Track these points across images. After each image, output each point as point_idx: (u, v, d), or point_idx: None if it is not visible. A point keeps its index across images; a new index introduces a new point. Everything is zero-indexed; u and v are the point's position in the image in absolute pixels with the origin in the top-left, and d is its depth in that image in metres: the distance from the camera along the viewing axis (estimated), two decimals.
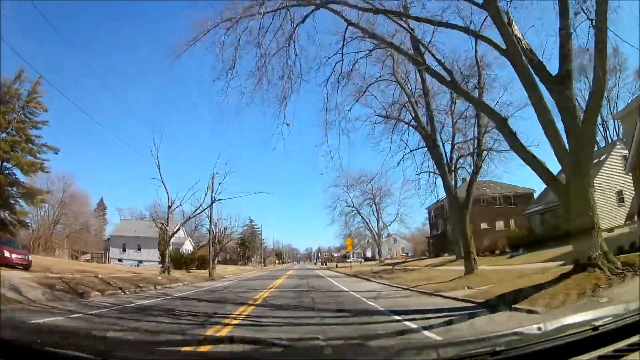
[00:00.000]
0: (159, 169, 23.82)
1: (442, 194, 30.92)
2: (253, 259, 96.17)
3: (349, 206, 52.29)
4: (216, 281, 24.05)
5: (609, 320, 1.48)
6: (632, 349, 1.41)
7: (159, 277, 21.24)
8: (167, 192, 23.87)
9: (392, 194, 51.29)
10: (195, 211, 25.22)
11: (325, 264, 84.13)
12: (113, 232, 54.75)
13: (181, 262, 36.32)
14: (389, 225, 51.64)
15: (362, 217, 51.65)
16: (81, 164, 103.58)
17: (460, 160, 27.91)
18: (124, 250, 49.45)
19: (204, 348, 1.70)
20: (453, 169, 27.84)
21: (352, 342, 2.34)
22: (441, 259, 30.37)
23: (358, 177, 50.85)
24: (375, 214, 51.52)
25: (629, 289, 6.06)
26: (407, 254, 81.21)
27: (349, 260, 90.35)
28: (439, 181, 29.58)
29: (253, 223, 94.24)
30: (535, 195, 41.11)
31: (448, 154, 28.93)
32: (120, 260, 48.16)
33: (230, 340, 1.59)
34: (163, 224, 23.77)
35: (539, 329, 1.46)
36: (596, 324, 1.45)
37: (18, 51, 29.65)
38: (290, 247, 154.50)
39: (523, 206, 39.56)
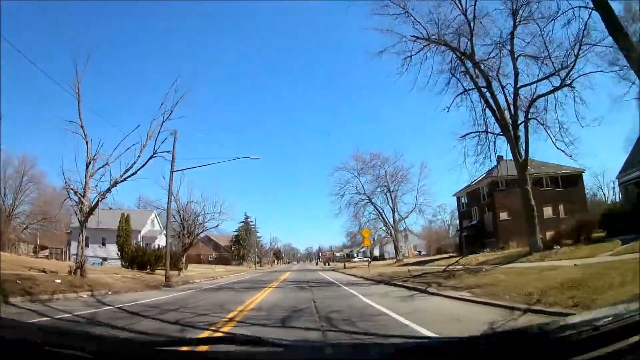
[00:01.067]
0: (78, 104, 14.62)
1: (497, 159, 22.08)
2: (249, 258, 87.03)
3: (359, 193, 42.59)
4: (169, 290, 15.04)
5: (609, 320, 1.44)
6: (632, 349, 1.37)
7: (58, 281, 12.22)
8: (87, 142, 14.67)
9: (409, 180, 42.02)
10: (127, 170, 15.63)
11: (328, 264, 74.32)
12: (75, 224, 45.28)
13: (143, 260, 27.38)
14: (407, 216, 42.03)
15: (375, 207, 42.08)
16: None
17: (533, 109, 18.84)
18: (87, 245, 40.03)
19: (203, 348, 1.66)
20: (525, 119, 18.71)
21: (352, 342, 2.22)
22: (495, 255, 21.21)
23: (370, 160, 41.52)
24: (390, 203, 41.97)
25: None
26: (419, 252, 71.92)
27: (354, 259, 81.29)
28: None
29: (249, 219, 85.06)
30: (585, 176, 32.92)
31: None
32: None
33: (232, 340, 1.53)
34: (77, 192, 14.46)
35: (540, 328, 1.44)
36: (597, 324, 1.41)
37: None
38: (289, 247, 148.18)
39: (571, 189, 31.20)
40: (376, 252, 76.79)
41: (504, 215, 31.17)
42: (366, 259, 76.00)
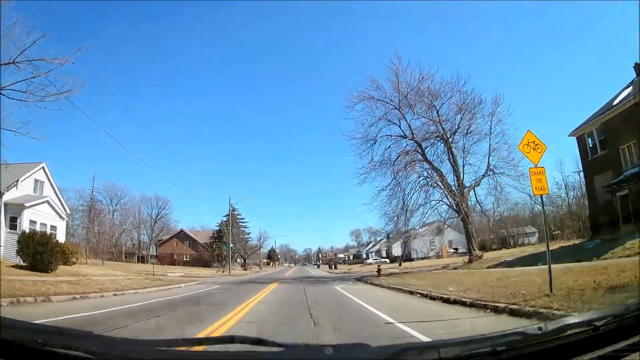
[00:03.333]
0: None
1: None
2: (237, 260, 69.80)
3: (403, 136, 24.32)
4: None
5: (609, 320, 1.46)
6: (632, 349, 1.38)
7: None
8: None
9: (476, 128, 24.14)
10: None
11: (335, 267, 57.08)
12: None
13: None
14: (477, 184, 24.10)
15: (431, 164, 23.89)
16: None
17: None
18: None
19: (202, 348, 1.68)
20: None
21: (353, 342, 1.86)
22: None
23: (417, 85, 23.44)
24: (451, 161, 24.02)
25: None
26: (455, 249, 54.37)
27: (367, 261, 63.82)
28: None
29: (235, 211, 67.19)
30: None
31: None
32: None
33: (231, 339, 1.49)
34: None
35: (540, 329, 1.43)
36: (597, 324, 1.43)
37: None
38: (286, 248, 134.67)
39: None
40: (396, 251, 58.69)
41: None
42: (385, 260, 58.30)
